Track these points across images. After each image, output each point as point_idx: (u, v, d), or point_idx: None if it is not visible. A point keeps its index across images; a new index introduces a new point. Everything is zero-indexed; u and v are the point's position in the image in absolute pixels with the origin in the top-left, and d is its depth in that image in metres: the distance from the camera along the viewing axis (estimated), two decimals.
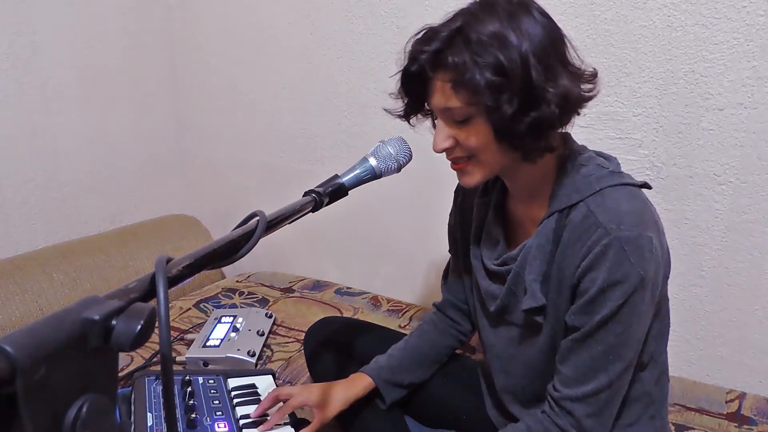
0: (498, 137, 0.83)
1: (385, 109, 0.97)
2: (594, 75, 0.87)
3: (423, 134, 0.97)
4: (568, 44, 0.85)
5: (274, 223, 0.73)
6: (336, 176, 0.89)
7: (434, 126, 0.95)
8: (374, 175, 0.92)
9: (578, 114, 0.86)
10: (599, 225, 0.82)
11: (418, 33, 0.86)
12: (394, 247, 1.86)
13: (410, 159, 0.95)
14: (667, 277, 0.92)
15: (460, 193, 1.15)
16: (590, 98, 0.86)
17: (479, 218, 1.04)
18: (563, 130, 0.91)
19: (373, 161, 0.92)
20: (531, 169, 0.90)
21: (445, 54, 0.80)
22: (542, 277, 0.90)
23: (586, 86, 0.86)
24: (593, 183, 0.86)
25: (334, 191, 0.87)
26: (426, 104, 0.92)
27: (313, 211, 0.83)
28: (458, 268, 1.17)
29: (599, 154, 0.94)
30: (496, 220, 1.01)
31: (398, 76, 0.91)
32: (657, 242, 0.82)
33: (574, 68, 0.84)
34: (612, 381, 0.86)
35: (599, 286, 0.82)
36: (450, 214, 1.17)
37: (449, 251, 1.20)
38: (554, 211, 0.89)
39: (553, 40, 0.82)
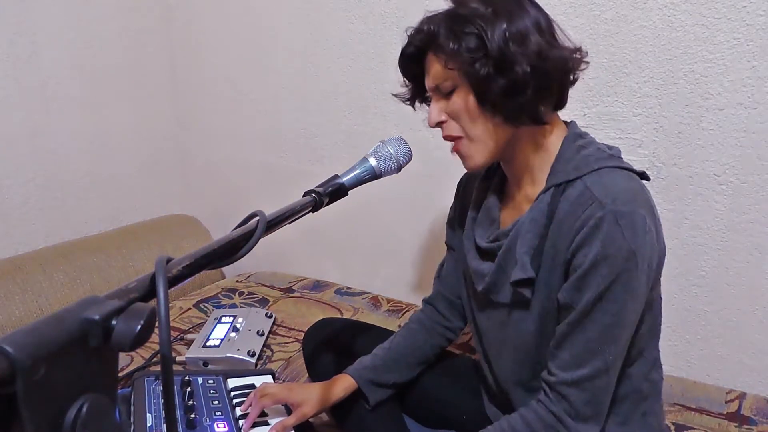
0: (478, 100, 0.87)
1: (393, 94, 1.03)
2: (577, 50, 0.89)
3: (423, 134, 0.97)
4: (557, 27, 0.89)
5: (274, 223, 0.73)
6: (336, 176, 0.89)
7: None
8: (374, 175, 0.93)
9: (561, 78, 0.88)
10: (594, 199, 0.84)
11: (419, 21, 0.93)
12: (394, 247, 1.86)
13: (410, 159, 0.96)
14: (661, 267, 0.91)
15: (462, 185, 1.17)
16: (572, 68, 0.89)
17: (477, 201, 1.06)
18: (559, 113, 0.93)
19: (373, 161, 0.92)
20: (524, 149, 0.93)
21: (431, 28, 0.89)
22: (534, 251, 0.90)
23: (568, 54, 0.88)
24: (592, 162, 0.88)
25: (334, 191, 0.87)
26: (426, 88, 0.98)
27: (313, 211, 0.83)
28: (453, 260, 1.18)
29: (601, 142, 0.95)
30: (494, 200, 1.02)
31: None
32: (651, 224, 0.83)
33: (555, 41, 0.88)
34: (608, 365, 0.86)
35: (591, 260, 0.82)
36: (450, 208, 1.18)
37: (446, 242, 1.20)
38: (550, 186, 0.90)
39: (538, 25, 0.86)
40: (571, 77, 0.90)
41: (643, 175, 0.92)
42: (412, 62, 0.95)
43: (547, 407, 0.89)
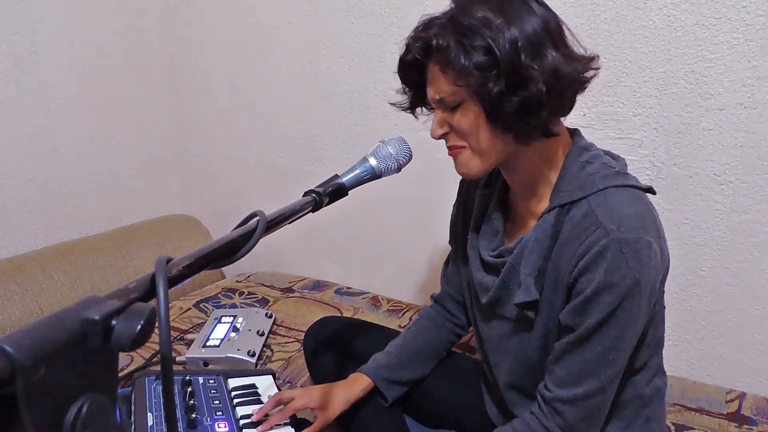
0: (489, 119, 0.83)
1: (391, 103, 0.99)
2: (591, 59, 0.86)
3: (423, 134, 0.97)
4: (567, 32, 0.85)
5: (274, 223, 0.73)
6: (336, 176, 0.89)
7: None
8: (374, 175, 0.93)
9: (573, 93, 0.85)
10: (599, 225, 0.81)
11: (417, 25, 0.89)
12: (394, 247, 1.86)
13: (410, 159, 0.96)
14: (665, 281, 0.90)
15: (464, 184, 1.15)
16: (586, 80, 0.85)
17: (480, 209, 1.04)
18: (562, 119, 0.90)
19: (373, 161, 0.92)
20: (529, 162, 0.90)
21: (434, 39, 0.83)
22: (537, 272, 0.89)
23: (582, 68, 0.85)
24: (597, 181, 0.85)
25: (334, 191, 0.87)
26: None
27: (313, 211, 0.84)
28: (457, 260, 1.17)
29: (607, 153, 0.93)
30: (497, 211, 1.00)
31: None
32: (657, 247, 0.81)
33: (569, 51, 0.84)
34: (604, 385, 0.85)
35: (594, 288, 0.81)
36: (453, 206, 1.17)
37: (449, 243, 1.20)
38: (555, 206, 0.88)
39: (547, 26, 0.82)
40: (584, 85, 0.86)
41: (650, 190, 0.90)
42: (412, 70, 0.91)
43: (540, 421, 0.89)
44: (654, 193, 0.91)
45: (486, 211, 1.03)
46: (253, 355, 1.42)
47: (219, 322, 1.55)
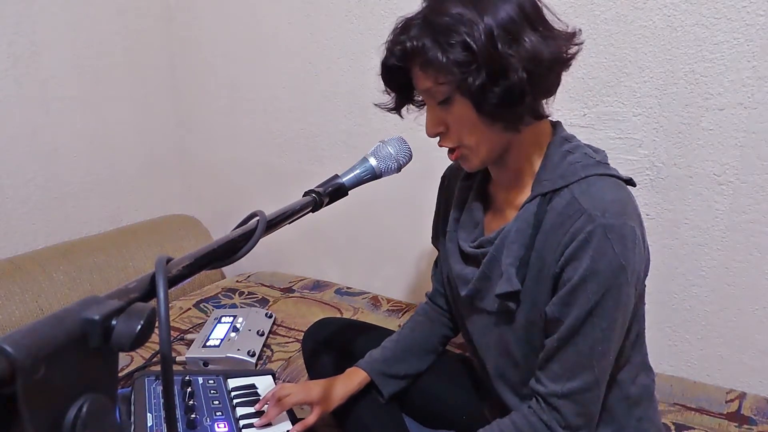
0: (478, 111, 0.83)
1: (375, 104, 0.99)
2: (573, 34, 0.85)
3: (423, 134, 0.97)
4: (546, 10, 0.85)
5: (274, 223, 0.73)
6: (336, 176, 0.89)
7: None
8: (374, 175, 0.93)
9: (557, 74, 0.85)
10: (583, 211, 0.81)
11: (395, 27, 0.88)
12: (394, 247, 1.86)
13: (410, 159, 0.96)
14: (647, 275, 0.90)
15: (446, 179, 1.15)
16: (569, 57, 0.85)
17: (460, 202, 1.04)
18: (548, 103, 0.90)
19: (373, 161, 0.92)
20: (521, 152, 0.91)
21: (410, 42, 0.83)
22: (519, 261, 0.89)
23: (565, 45, 0.84)
24: (579, 170, 0.86)
25: (334, 191, 0.87)
26: (414, 94, 0.94)
27: (313, 211, 0.84)
28: (440, 255, 1.17)
29: (588, 145, 0.93)
30: (476, 203, 1.01)
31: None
32: (640, 234, 0.82)
33: (548, 31, 0.83)
34: (598, 378, 0.85)
35: (581, 275, 0.81)
36: (436, 204, 1.17)
37: (431, 241, 1.20)
38: (536, 195, 0.88)
39: (522, 10, 0.81)
40: (567, 63, 0.86)
41: (630, 182, 0.90)
42: (394, 72, 0.90)
43: (538, 415, 0.89)
44: (634, 185, 0.91)
45: (465, 202, 1.03)
46: (253, 355, 1.42)
47: (219, 322, 1.55)
